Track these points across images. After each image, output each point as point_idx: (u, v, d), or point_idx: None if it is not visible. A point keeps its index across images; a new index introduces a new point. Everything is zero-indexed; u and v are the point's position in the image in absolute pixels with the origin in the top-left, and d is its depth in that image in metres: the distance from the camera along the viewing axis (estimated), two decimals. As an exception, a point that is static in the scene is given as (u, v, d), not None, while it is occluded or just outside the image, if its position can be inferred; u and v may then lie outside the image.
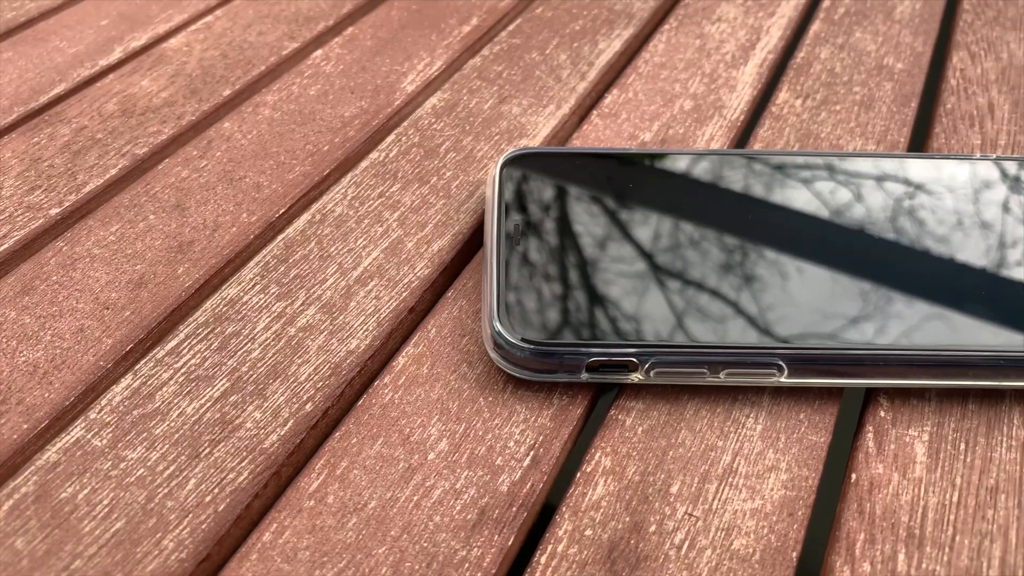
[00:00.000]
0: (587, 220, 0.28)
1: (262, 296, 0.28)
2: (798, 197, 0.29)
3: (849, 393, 0.26)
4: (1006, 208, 0.29)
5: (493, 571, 0.21)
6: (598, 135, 0.35)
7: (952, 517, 0.23)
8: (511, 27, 0.41)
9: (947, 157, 0.31)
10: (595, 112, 0.36)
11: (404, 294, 0.28)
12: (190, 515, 0.22)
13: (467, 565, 0.21)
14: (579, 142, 0.34)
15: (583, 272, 0.26)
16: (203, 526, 0.22)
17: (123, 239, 0.29)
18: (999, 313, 0.26)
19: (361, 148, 0.34)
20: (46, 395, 0.24)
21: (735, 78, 0.38)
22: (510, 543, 0.22)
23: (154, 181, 0.32)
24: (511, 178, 0.30)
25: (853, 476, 0.24)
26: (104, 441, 0.23)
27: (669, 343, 0.25)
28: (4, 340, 0.26)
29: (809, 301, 0.26)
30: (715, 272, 0.27)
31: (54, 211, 0.30)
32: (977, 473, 0.24)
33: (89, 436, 0.23)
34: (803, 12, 0.44)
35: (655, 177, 0.30)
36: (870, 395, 0.26)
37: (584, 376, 0.25)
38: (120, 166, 0.32)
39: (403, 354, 0.26)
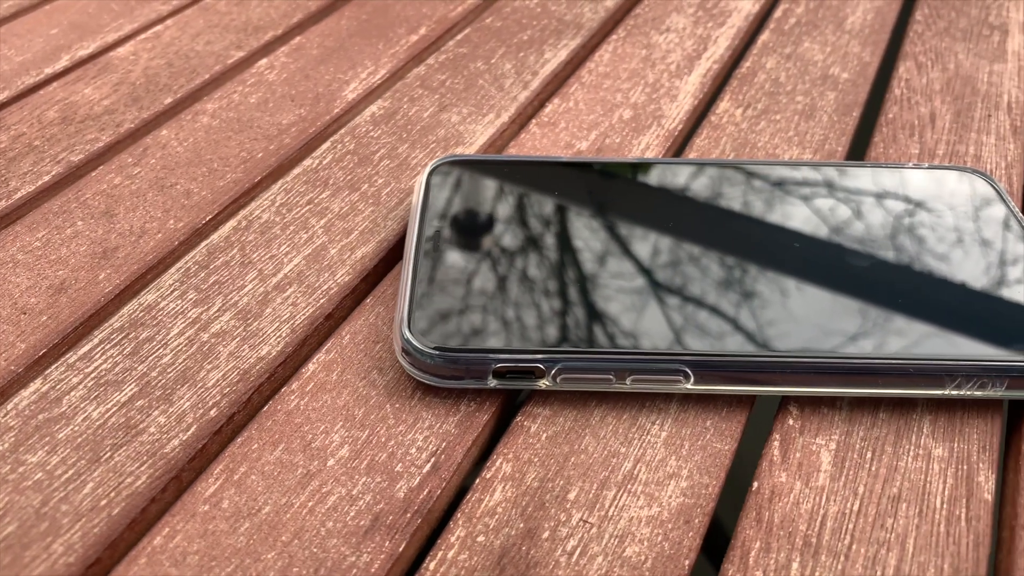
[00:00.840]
0: (504, 228, 0.28)
1: (179, 302, 0.28)
2: (712, 203, 0.29)
3: (762, 401, 0.26)
4: (916, 216, 0.29)
5: (381, 575, 0.21)
6: (535, 144, 0.35)
7: (851, 526, 0.23)
8: (459, 37, 0.42)
9: (865, 165, 0.31)
10: (534, 121, 0.36)
11: (322, 301, 0.28)
12: (83, 519, 0.22)
13: (355, 571, 0.21)
14: (515, 150, 0.35)
15: (495, 279, 0.26)
16: (95, 530, 0.22)
17: (48, 245, 0.29)
18: (907, 321, 0.26)
19: (295, 155, 0.34)
20: (-48, 399, 0.24)
21: (677, 88, 0.38)
22: (401, 549, 0.22)
23: (86, 188, 0.32)
24: (437, 185, 0.30)
25: (755, 484, 0.23)
26: (5, 445, 0.23)
27: (574, 349, 0.25)
28: (-83, 344, 0.26)
29: (715, 307, 0.26)
30: (623, 279, 0.26)
31: (-17, 217, 0.31)
32: (881, 482, 0.24)
33: (-10, 440, 0.23)
34: (754, 23, 0.44)
35: (576, 185, 0.30)
36: (781, 403, 0.26)
37: (492, 382, 0.25)
38: (54, 173, 0.33)
39: (314, 361, 0.26)
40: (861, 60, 0.41)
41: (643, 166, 0.31)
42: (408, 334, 0.25)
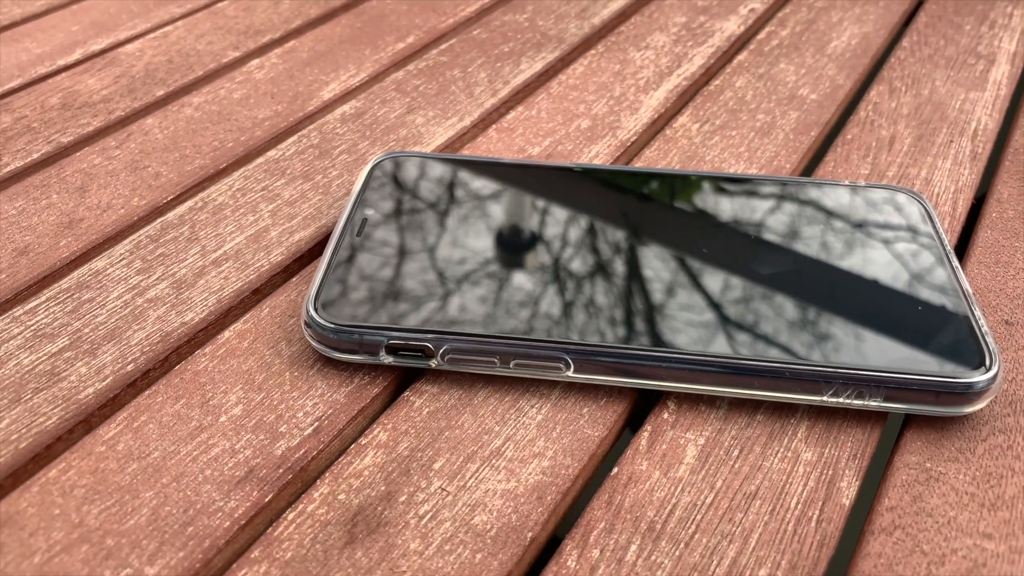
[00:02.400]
0: (423, 219, 0.30)
1: (125, 270, 0.30)
2: (622, 205, 0.30)
3: (646, 394, 0.27)
4: (827, 228, 0.30)
5: (242, 522, 0.23)
6: (489, 147, 0.37)
7: (699, 517, 0.23)
8: (443, 46, 0.44)
9: (793, 180, 0.32)
10: (494, 127, 0.38)
11: (252, 277, 0.30)
12: (-7, 450, 0.24)
13: (220, 514, 0.23)
14: (468, 152, 0.36)
15: (402, 264, 0.28)
16: (0, 459, 0.24)
17: (23, 213, 0.33)
18: (791, 327, 0.26)
19: (262, 146, 0.36)
20: (-93, 339, 0.27)
21: (641, 102, 0.39)
22: (267, 500, 0.23)
23: (68, 166, 0.35)
24: (377, 177, 0.32)
25: (616, 469, 0.24)
26: (-58, 382, 0.26)
27: (461, 332, 0.26)
28: None
29: (602, 301, 0.27)
30: (518, 270, 0.28)
31: (-27, 186, 0.34)
32: (740, 479, 0.24)
33: (-70, 376, 0.26)
34: (735, 44, 0.44)
35: (502, 184, 0.31)
36: (662, 397, 0.26)
37: (386, 359, 0.26)
38: (43, 151, 0.36)
39: (231, 329, 0.28)
40: (834, 83, 0.41)
41: (569, 169, 0.32)
42: (311, 308, 0.27)
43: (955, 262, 0.29)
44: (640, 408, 0.26)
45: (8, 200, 0.33)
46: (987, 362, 0.25)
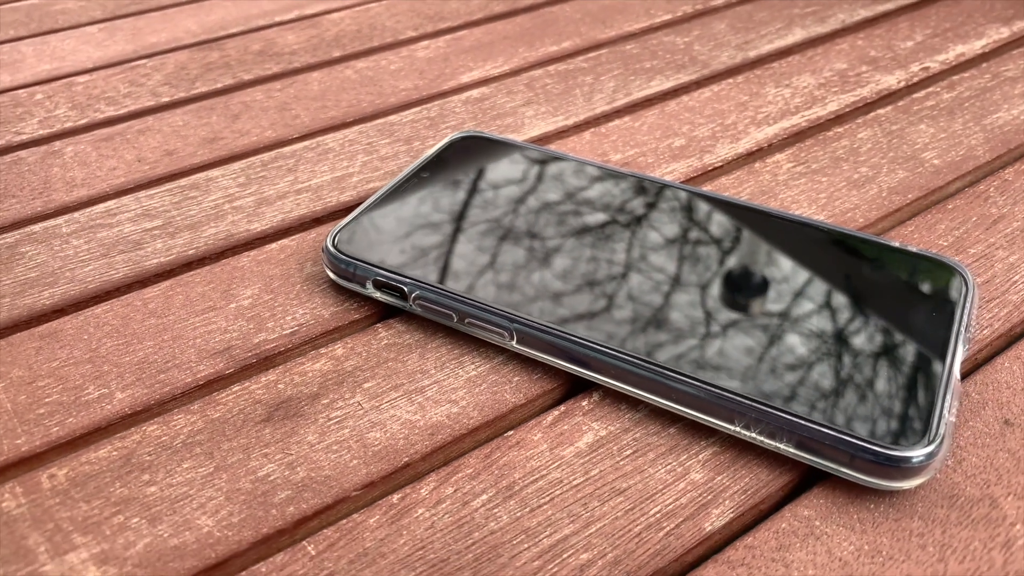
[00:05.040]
0: (461, 190, 0.33)
1: (230, 181, 0.37)
2: (627, 208, 0.31)
3: (580, 383, 0.28)
4: (814, 270, 0.29)
5: (200, 383, 0.28)
6: (575, 145, 0.39)
7: (557, 492, 0.24)
8: (592, 55, 0.46)
9: (808, 222, 0.31)
10: (592, 130, 0.40)
11: (318, 208, 0.35)
12: (73, 284, 0.32)
13: (188, 372, 0.28)
14: (553, 146, 0.39)
15: (417, 223, 0.32)
16: (72, 292, 0.31)
17: (186, 126, 0.40)
18: (734, 352, 0.26)
19: (388, 111, 0.42)
20: None
21: (747, 133, 0.40)
22: (228, 372, 0.28)
23: (236, 97, 0.43)
24: (451, 148, 0.36)
25: (511, 433, 0.26)
26: None
27: (429, 282, 0.29)
28: None
29: (557, 284, 0.28)
30: (503, 244, 0.30)
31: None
32: (617, 475, 0.25)
33: None
34: (885, 97, 0.43)
35: (546, 173, 0.34)
36: (590, 387, 0.28)
37: (374, 292, 0.30)
38: (225, 84, 0.44)
39: (278, 243, 0.33)
40: (970, 153, 0.38)
41: (618, 172, 0.34)
42: (331, 239, 0.31)
43: (958, 341, 0.27)
44: (568, 393, 0.28)
45: (182, 115, 0.41)
46: (924, 442, 0.24)
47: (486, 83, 0.44)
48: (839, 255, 0.30)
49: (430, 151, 0.36)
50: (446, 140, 0.36)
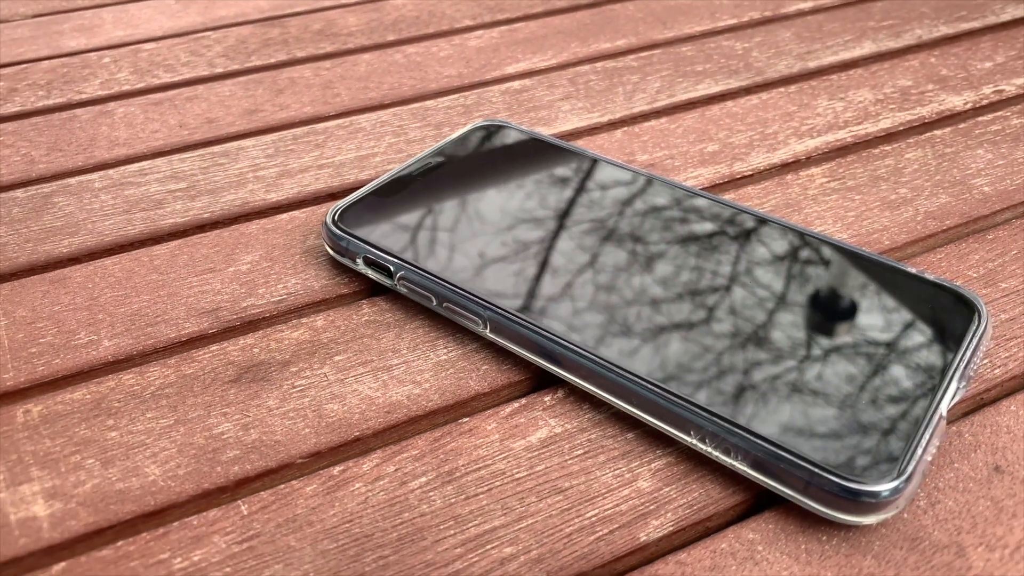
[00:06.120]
0: (469, 177, 0.33)
1: (259, 152, 0.38)
2: (626, 209, 0.31)
3: (547, 378, 0.28)
4: (817, 288, 0.27)
5: (183, 339, 0.29)
6: (604, 143, 0.38)
7: (498, 483, 0.24)
8: (644, 54, 0.45)
9: (825, 239, 0.29)
10: (625, 128, 0.39)
11: (335, 184, 0.36)
12: (92, 236, 0.33)
13: (174, 328, 0.29)
14: (581, 143, 0.38)
15: (418, 203, 0.32)
16: (87, 246, 0.33)
17: (232, 96, 0.42)
18: (707, 363, 0.25)
19: (426, 96, 0.42)
20: None
21: (787, 144, 0.38)
22: (210, 332, 0.29)
23: (285, 73, 0.44)
24: (470, 134, 0.36)
25: (465, 420, 0.26)
26: None
27: (413, 263, 0.29)
28: None
29: (532, 276, 0.28)
30: (500, 236, 0.30)
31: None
32: (561, 473, 0.24)
33: None
34: (946, 118, 0.40)
35: (560, 170, 0.33)
36: (554, 384, 0.27)
37: (364, 269, 0.30)
38: (278, 59, 0.45)
39: (289, 214, 0.34)
40: (1022, 183, 0.35)
41: (631, 171, 0.33)
42: (332, 213, 0.32)
43: (954, 377, 0.25)
44: (534, 388, 0.27)
45: (231, 86, 0.43)
46: (888, 478, 0.22)
47: (530, 75, 0.44)
48: (841, 273, 0.28)
49: (450, 136, 0.36)
50: (468, 127, 0.36)
